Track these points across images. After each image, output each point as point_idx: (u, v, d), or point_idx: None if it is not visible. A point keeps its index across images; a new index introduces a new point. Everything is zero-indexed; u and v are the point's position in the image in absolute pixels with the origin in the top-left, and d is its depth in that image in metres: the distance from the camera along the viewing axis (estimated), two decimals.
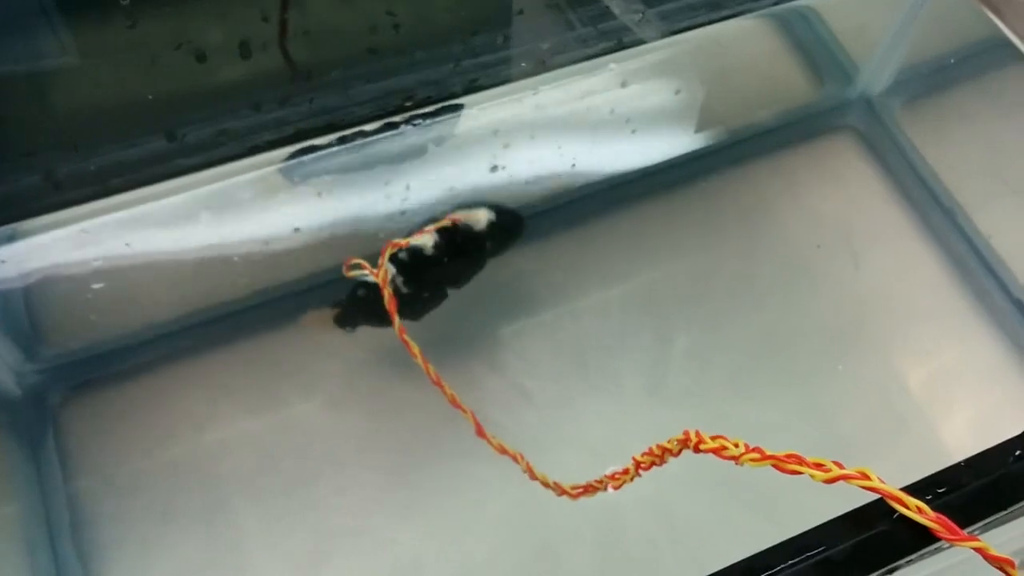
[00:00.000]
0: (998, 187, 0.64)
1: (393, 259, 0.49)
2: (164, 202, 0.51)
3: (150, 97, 0.46)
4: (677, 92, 0.62)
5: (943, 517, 0.25)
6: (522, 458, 0.47)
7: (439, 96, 0.53)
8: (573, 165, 0.58)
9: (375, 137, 0.54)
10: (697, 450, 0.29)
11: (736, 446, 0.27)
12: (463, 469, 0.53)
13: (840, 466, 0.26)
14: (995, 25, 0.63)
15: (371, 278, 0.48)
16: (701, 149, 0.64)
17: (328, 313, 0.54)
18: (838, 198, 0.65)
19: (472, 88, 0.55)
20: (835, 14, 0.70)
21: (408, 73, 0.52)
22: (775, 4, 0.67)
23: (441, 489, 0.53)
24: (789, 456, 0.26)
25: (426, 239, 0.51)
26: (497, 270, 0.56)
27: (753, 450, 0.27)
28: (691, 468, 0.35)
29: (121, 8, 0.41)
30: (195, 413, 0.54)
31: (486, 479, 0.53)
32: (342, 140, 0.53)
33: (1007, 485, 0.27)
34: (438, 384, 0.47)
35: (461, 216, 0.52)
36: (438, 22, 0.52)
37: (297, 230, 0.54)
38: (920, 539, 0.26)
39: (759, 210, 0.64)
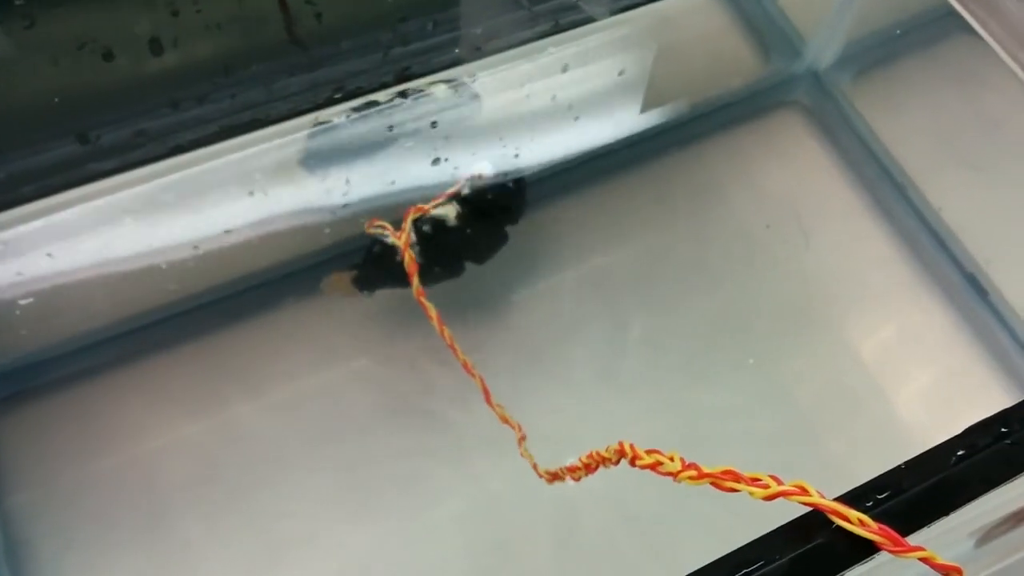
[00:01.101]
0: (948, 158, 0.64)
1: (416, 231, 0.50)
2: (84, 208, 0.49)
3: (57, 100, 0.44)
4: (620, 73, 0.61)
5: (886, 528, 0.25)
6: (520, 429, 0.47)
7: (370, 87, 0.52)
8: (516, 155, 0.57)
9: (388, 105, 0.52)
10: (633, 464, 0.28)
11: (672, 460, 0.26)
12: (415, 469, 0.52)
13: (778, 481, 0.25)
14: None
15: (390, 239, 0.49)
16: (647, 131, 0.63)
17: (347, 276, 0.53)
18: (787, 175, 0.64)
19: (404, 77, 0.53)
20: None
21: (335, 64, 0.50)
22: None
23: (392, 491, 0.52)
24: (726, 473, 0.25)
25: (448, 209, 0.51)
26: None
27: (689, 466, 0.26)
28: None
29: (16, 8, 0.39)
30: (134, 420, 0.52)
31: (438, 479, 0.52)
32: (355, 110, 0.52)
33: (949, 488, 0.27)
34: (452, 347, 0.48)
35: (476, 171, 0.53)
36: (366, 8, 0.50)
37: (228, 232, 0.52)
38: (861, 550, 0.25)
39: (708, 191, 0.63)
